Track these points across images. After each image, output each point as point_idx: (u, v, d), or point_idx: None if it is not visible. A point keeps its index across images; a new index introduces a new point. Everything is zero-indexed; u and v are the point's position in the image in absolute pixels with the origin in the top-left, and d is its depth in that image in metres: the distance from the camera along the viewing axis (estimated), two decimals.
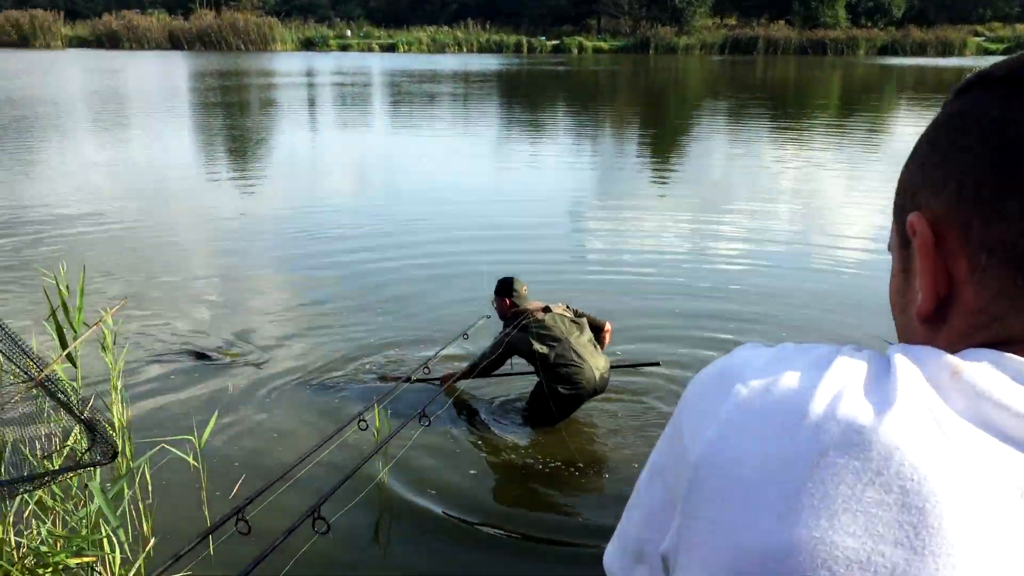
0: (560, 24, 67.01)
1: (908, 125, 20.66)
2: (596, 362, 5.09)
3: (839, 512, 0.59)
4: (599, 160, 16.08)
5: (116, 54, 51.03)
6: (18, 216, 10.14)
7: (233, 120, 20.80)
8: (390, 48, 59.42)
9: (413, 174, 14.39)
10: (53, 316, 3.34)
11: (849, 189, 12.94)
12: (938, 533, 0.57)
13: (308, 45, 59.97)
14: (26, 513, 3.26)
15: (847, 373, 0.66)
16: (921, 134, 0.77)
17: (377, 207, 11.51)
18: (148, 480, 4.04)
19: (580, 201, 12.09)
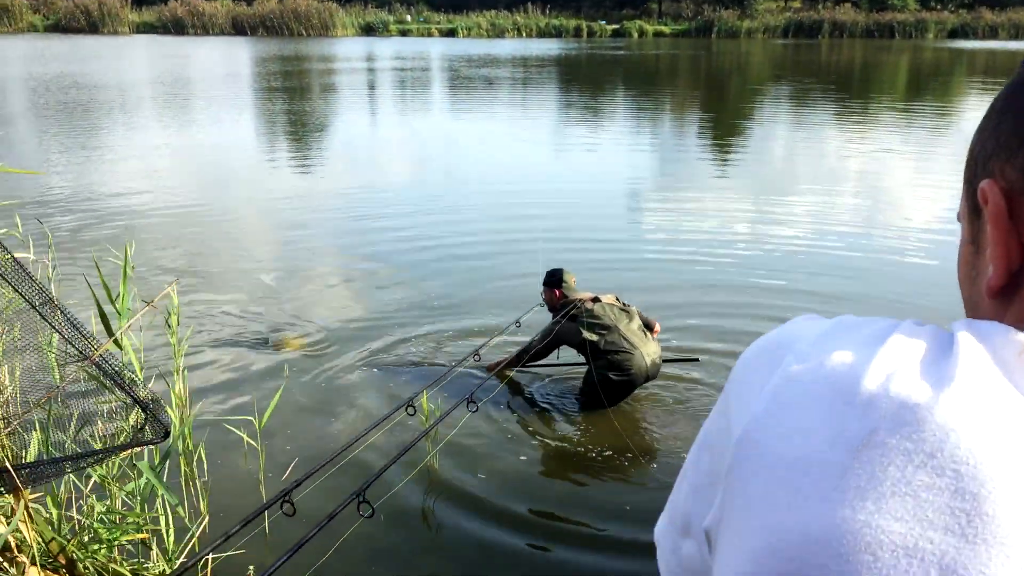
0: (620, 8, 66.46)
1: (978, 110, 20.09)
2: (647, 348, 5.08)
3: (887, 495, 0.56)
4: (658, 145, 15.92)
5: (181, 39, 51.86)
6: (83, 197, 10.37)
7: (294, 104, 21.01)
8: (450, 33, 59.49)
9: (471, 158, 14.41)
10: (109, 297, 3.40)
11: (916, 176, 12.61)
12: (992, 521, 0.53)
13: (368, 30, 60.30)
14: (86, 490, 3.32)
15: (904, 348, 0.62)
16: (994, 99, 0.72)
17: (434, 191, 11.54)
18: (204, 460, 4.11)
19: (639, 186, 11.98)
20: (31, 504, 2.70)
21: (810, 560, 0.57)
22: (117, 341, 2.94)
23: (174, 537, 3.28)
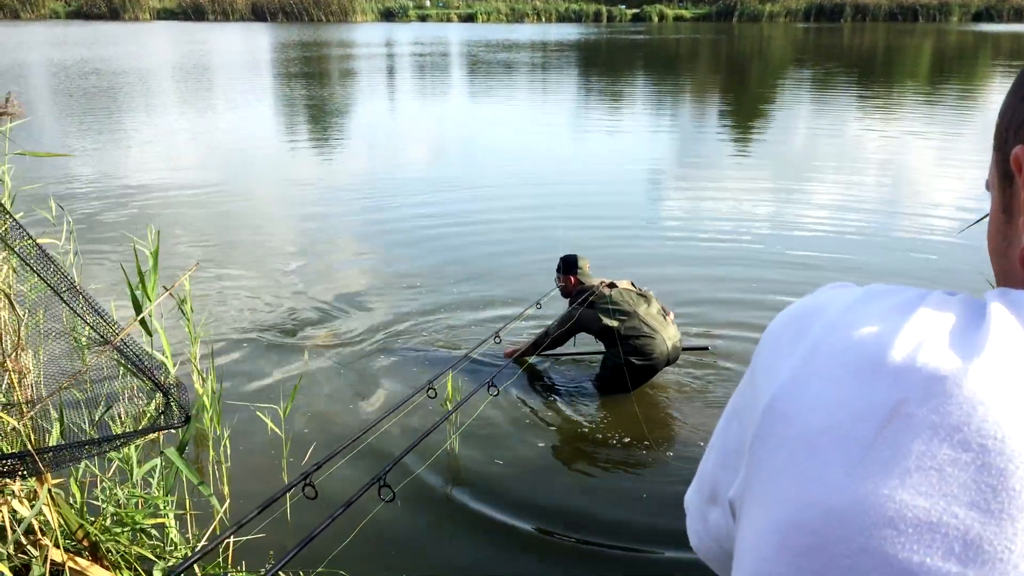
0: None
1: (1003, 94, 19.77)
2: (667, 332, 5.07)
3: (911, 470, 0.55)
4: (679, 129, 15.82)
5: (201, 25, 52.00)
6: (104, 182, 10.41)
7: (314, 90, 21.02)
8: (469, 18, 59.34)
9: (490, 142, 14.38)
10: (128, 283, 3.41)
11: (940, 159, 12.47)
12: (1019, 496, 0.52)
13: (388, 16, 60.25)
14: (108, 473, 3.34)
15: (934, 318, 0.61)
16: None
17: (453, 175, 11.51)
18: (226, 445, 4.12)
19: (659, 169, 11.91)
20: (54, 488, 2.72)
21: (833, 533, 0.56)
22: (146, 324, 2.95)
23: (196, 521, 3.30)
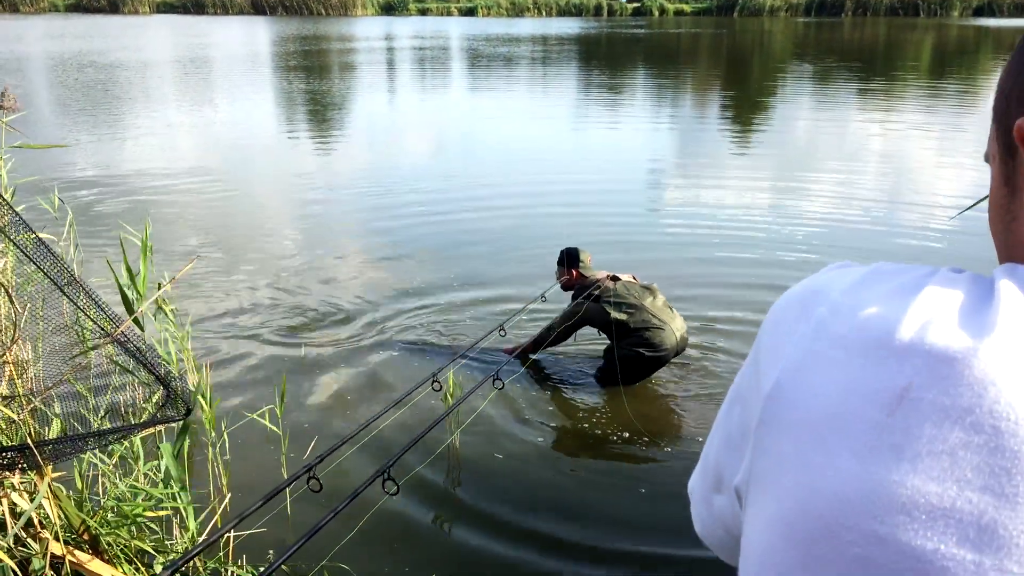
0: None
1: None
2: (675, 324, 5.07)
3: (922, 454, 0.53)
4: (680, 123, 15.78)
5: (201, 19, 51.92)
6: (104, 175, 10.39)
7: (314, 84, 20.98)
8: (469, 12, 59.27)
9: (490, 135, 14.37)
10: (120, 278, 3.39)
11: (940, 153, 12.44)
12: None
13: (388, 10, 60.19)
14: (109, 467, 3.32)
15: (942, 296, 0.59)
16: None
17: (454, 168, 11.50)
18: (227, 439, 4.09)
19: (660, 163, 11.89)
20: (54, 481, 2.69)
21: (843, 521, 0.55)
22: (138, 321, 2.92)
23: (197, 515, 3.27)
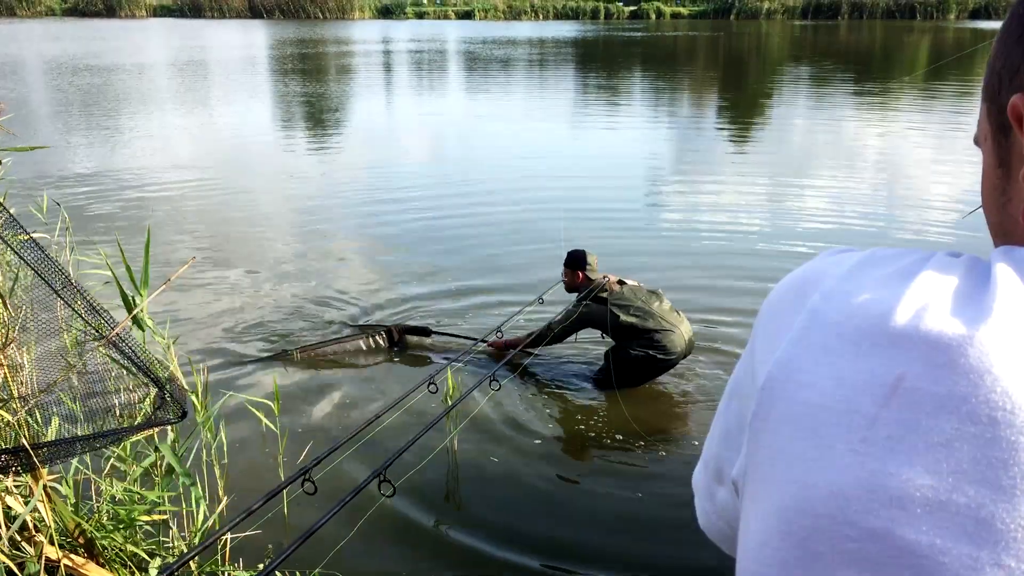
0: None
1: None
2: (683, 327, 5.08)
3: (918, 446, 0.52)
4: (677, 125, 15.78)
5: (198, 22, 51.92)
6: (100, 178, 10.37)
7: (311, 87, 20.97)
8: (466, 15, 59.31)
9: (487, 138, 14.37)
10: (130, 274, 3.38)
11: (936, 155, 12.44)
12: None
13: (385, 13, 60.20)
14: (104, 471, 3.30)
15: (938, 282, 0.57)
16: (1015, 4, 0.65)
17: (452, 171, 11.50)
18: (224, 442, 4.08)
19: (657, 165, 11.89)
20: (48, 484, 2.68)
21: (838, 516, 0.54)
22: (138, 320, 2.91)
23: (193, 519, 3.26)
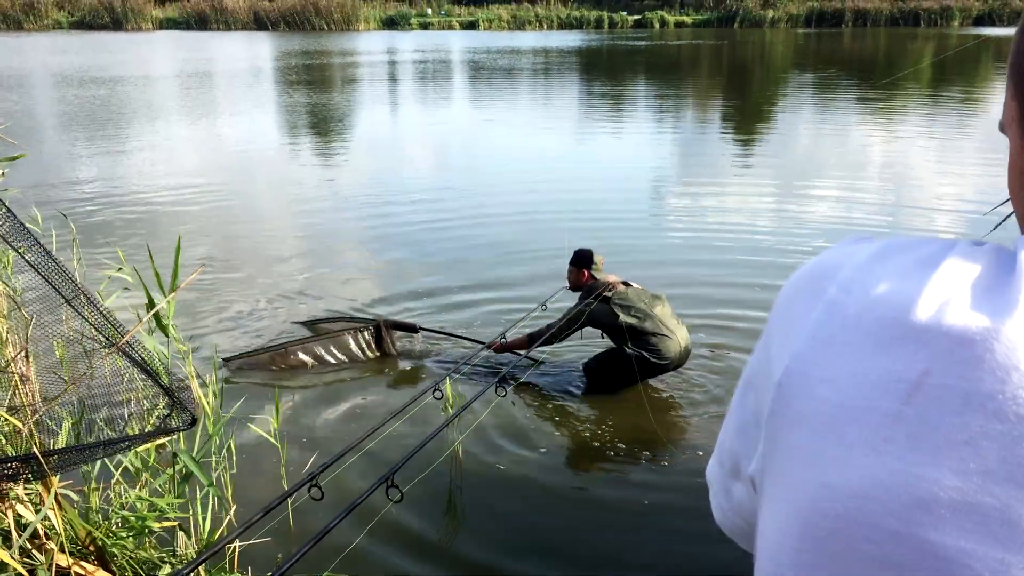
0: None
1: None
2: (680, 334, 5.09)
3: (942, 445, 0.50)
4: (681, 134, 15.77)
5: (204, 35, 52.13)
6: (107, 189, 10.41)
7: (317, 97, 21.02)
8: (471, 26, 59.41)
9: (492, 146, 14.40)
10: (142, 283, 3.41)
11: (943, 162, 12.40)
12: None
13: (390, 24, 60.28)
14: (113, 478, 3.32)
15: (961, 272, 0.55)
16: None
17: (456, 179, 11.53)
18: (232, 450, 4.10)
19: (663, 173, 11.87)
20: (60, 491, 2.70)
21: (860, 518, 0.52)
22: (161, 323, 2.94)
23: (200, 526, 3.28)
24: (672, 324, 5.07)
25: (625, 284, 5.23)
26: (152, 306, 3.05)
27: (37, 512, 2.64)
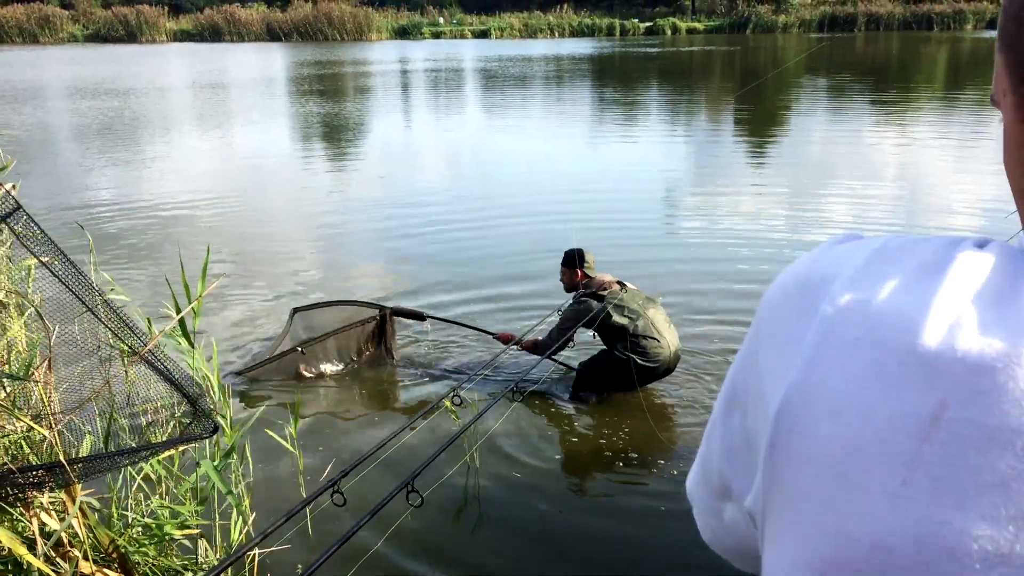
0: (653, 6, 66.04)
1: None
2: (671, 338, 5.03)
3: (968, 489, 0.45)
4: (695, 138, 15.72)
5: (217, 46, 52.45)
6: (124, 200, 10.48)
7: (331, 107, 21.10)
8: (483, 35, 59.58)
9: (504, 152, 14.44)
10: (186, 289, 3.45)
11: (958, 167, 12.37)
12: None
13: (402, 34, 60.51)
14: (133, 487, 3.35)
15: (969, 282, 0.49)
16: None
17: (469, 185, 11.59)
18: (249, 458, 4.12)
19: (676, 179, 11.84)
20: (83, 500, 2.73)
21: (880, 571, 0.47)
22: (186, 331, 2.97)
23: (221, 534, 3.31)
24: (663, 328, 5.01)
25: (620, 284, 5.19)
26: (178, 311, 3.08)
27: (62, 521, 2.66)
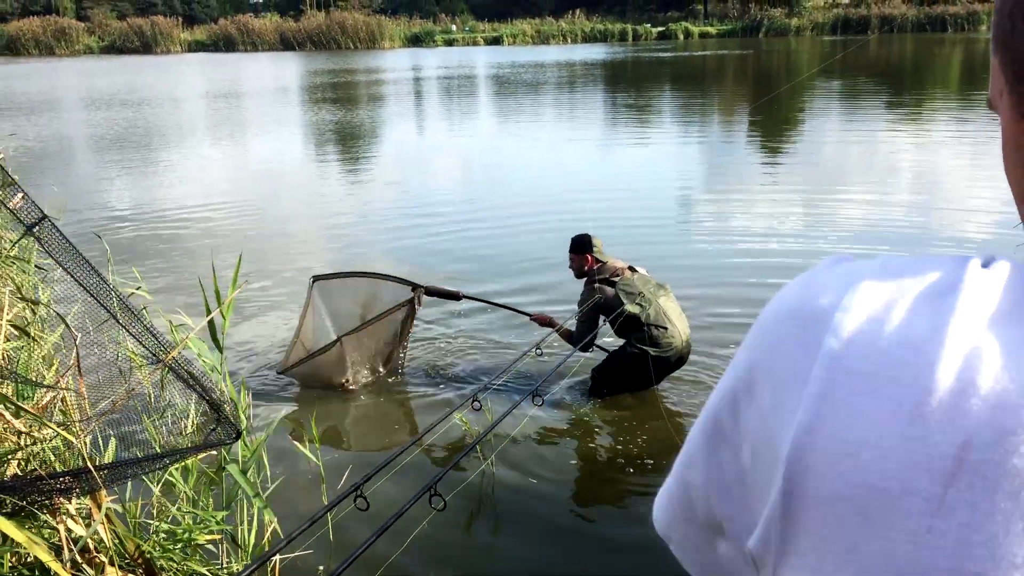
0: (665, 10, 66.02)
1: None
2: (682, 326, 4.94)
3: (999, 535, 0.42)
4: (708, 142, 15.71)
5: (232, 56, 52.76)
6: (141, 209, 10.55)
7: (345, 114, 21.18)
8: (495, 41, 59.68)
9: (518, 158, 14.48)
10: (217, 296, 3.49)
11: (973, 169, 12.30)
12: None
13: (415, 41, 60.69)
14: (155, 492, 3.38)
15: (982, 305, 0.47)
16: None
17: (484, 191, 11.65)
18: (266, 464, 4.15)
19: (690, 182, 11.87)
20: (109, 506, 2.76)
21: None
22: (213, 336, 3.00)
23: (244, 539, 3.33)
24: (673, 316, 4.92)
25: (631, 269, 5.09)
26: (208, 313, 3.11)
27: (88, 527, 2.69)
